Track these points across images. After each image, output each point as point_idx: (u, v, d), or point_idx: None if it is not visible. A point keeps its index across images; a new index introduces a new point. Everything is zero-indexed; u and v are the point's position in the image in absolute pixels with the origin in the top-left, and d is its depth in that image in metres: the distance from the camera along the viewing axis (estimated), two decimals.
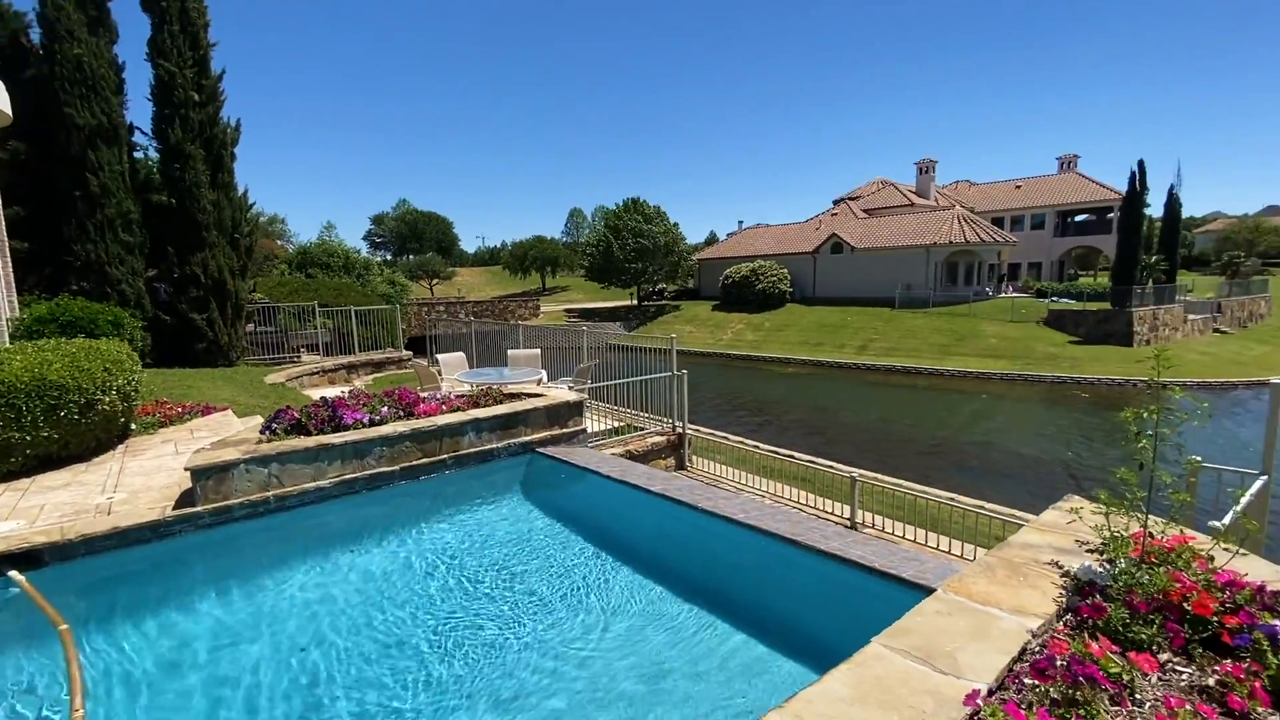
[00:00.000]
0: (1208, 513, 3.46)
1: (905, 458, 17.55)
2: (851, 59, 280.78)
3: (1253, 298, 36.66)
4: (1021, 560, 2.59)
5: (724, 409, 24.66)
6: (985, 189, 54.60)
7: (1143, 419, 2.35)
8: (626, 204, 53.22)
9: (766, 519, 4.19)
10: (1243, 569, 2.41)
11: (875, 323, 38.24)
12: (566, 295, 78.58)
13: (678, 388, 8.50)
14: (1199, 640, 2.00)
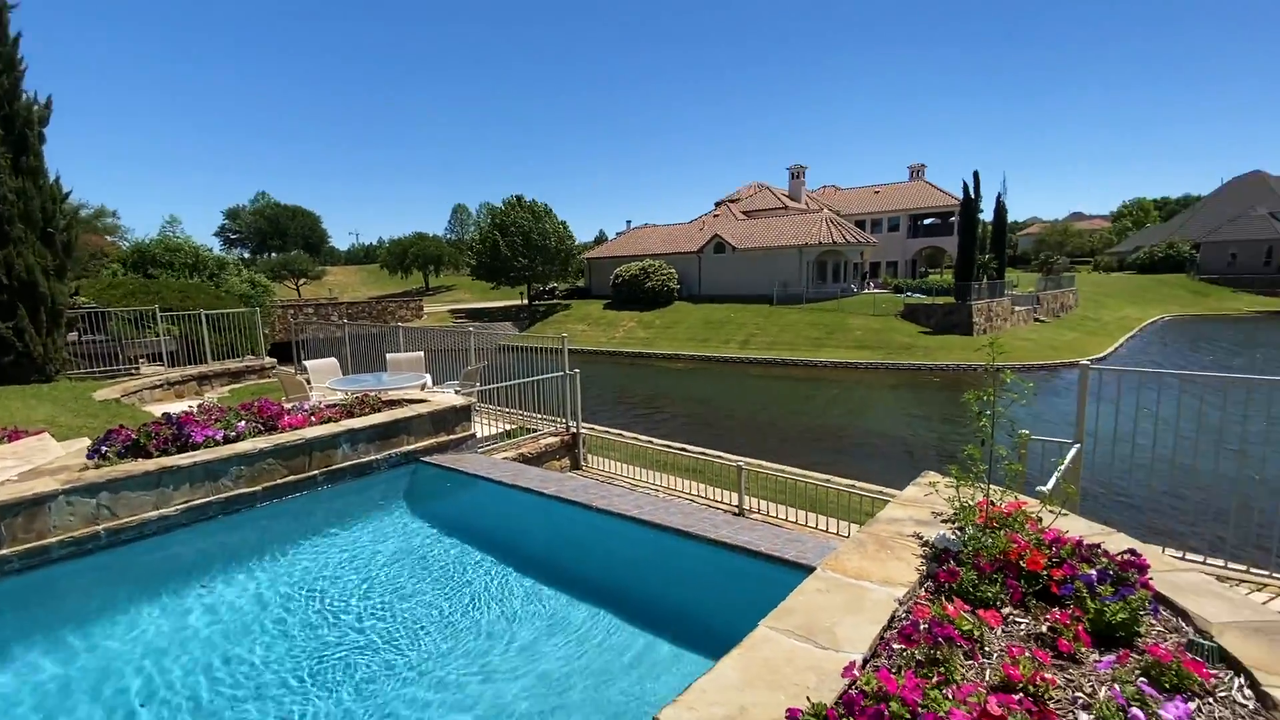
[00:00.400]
0: (1036, 479, 3.97)
1: (788, 444, 18.66)
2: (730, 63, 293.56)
3: (1063, 291, 42.76)
4: (888, 534, 2.82)
5: (619, 406, 24.88)
6: (849, 194, 59.29)
7: (981, 400, 2.64)
8: (512, 201, 52.09)
9: (660, 513, 4.26)
10: (1065, 527, 2.78)
11: (757, 318, 40.20)
12: (453, 295, 75.49)
13: (571, 387, 8.42)
14: (1033, 593, 2.28)
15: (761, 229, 47.25)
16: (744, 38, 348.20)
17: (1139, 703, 1.59)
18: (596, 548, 4.58)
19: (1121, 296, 48.73)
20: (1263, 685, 1.77)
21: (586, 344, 41.79)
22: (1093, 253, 75.93)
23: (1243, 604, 2.21)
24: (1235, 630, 2.04)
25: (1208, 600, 2.23)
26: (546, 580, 4.40)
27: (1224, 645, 1.96)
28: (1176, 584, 2.34)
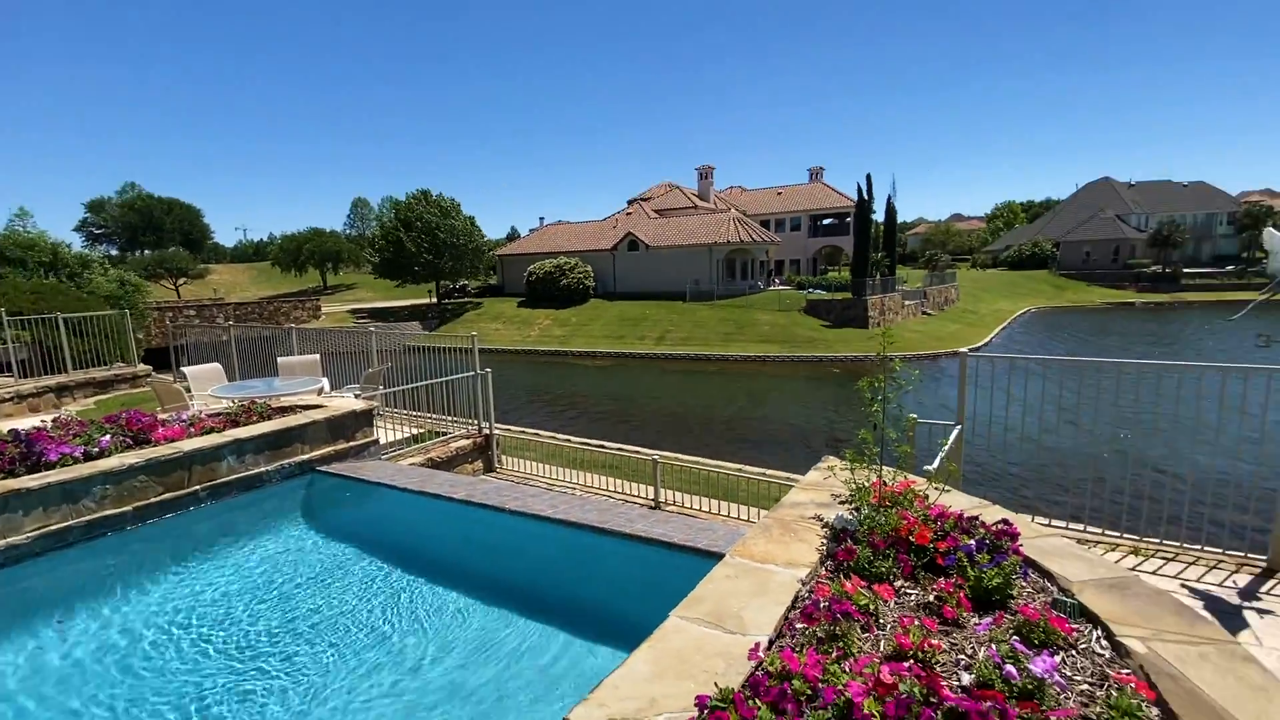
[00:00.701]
0: (924, 459, 4.27)
1: (702, 436, 19.12)
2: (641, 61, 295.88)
3: (947, 286, 46.56)
4: (792, 518, 2.94)
5: (536, 405, 24.50)
6: (754, 194, 61.50)
7: (873, 387, 2.80)
8: (417, 195, 49.91)
9: (575, 511, 4.22)
10: (949, 502, 3.00)
11: (671, 315, 40.88)
12: (354, 294, 71.32)
13: (482, 388, 8.17)
14: (922, 565, 2.44)
15: (673, 227, 48.05)
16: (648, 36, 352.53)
17: (1012, 660, 1.74)
18: (512, 550, 4.47)
19: (996, 291, 53.68)
20: (1117, 635, 1.99)
21: (501, 343, 40.90)
22: (971, 251, 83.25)
23: (1098, 563, 2.48)
24: (1092, 587, 2.28)
25: (1069, 561, 2.48)
26: (460, 587, 4.24)
27: (1083, 601, 2.18)
28: (1042, 548, 2.59)
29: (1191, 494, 4.53)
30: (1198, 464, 5.23)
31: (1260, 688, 1.71)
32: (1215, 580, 3.91)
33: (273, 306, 43.17)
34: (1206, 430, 5.43)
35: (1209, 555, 4.20)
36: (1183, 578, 3.95)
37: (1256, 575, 3.96)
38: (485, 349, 38.00)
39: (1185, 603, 3.59)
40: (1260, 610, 3.55)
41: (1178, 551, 4.28)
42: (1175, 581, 3.90)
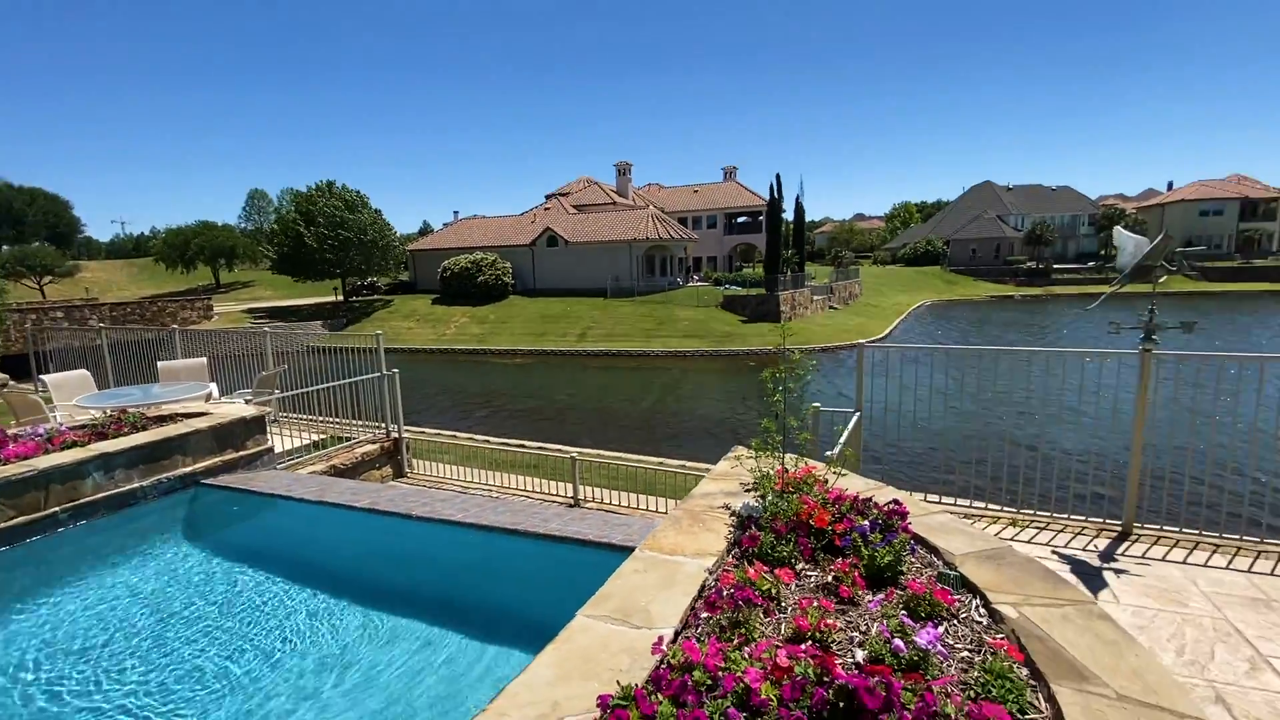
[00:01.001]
0: (827, 445, 4.47)
1: (625, 431, 19.20)
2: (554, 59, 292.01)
3: (851, 281, 49.23)
4: (701, 508, 2.97)
5: (453, 406, 23.71)
6: (671, 192, 62.36)
7: (775, 378, 2.88)
8: (321, 187, 46.90)
9: (487, 513, 4.09)
10: (846, 486, 3.14)
11: (593, 311, 40.74)
12: (251, 292, 66.26)
13: (389, 389, 7.77)
14: (821, 547, 2.54)
15: (592, 223, 47.85)
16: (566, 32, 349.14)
17: (900, 634, 1.83)
18: (421, 558, 4.27)
19: (895, 286, 57.28)
20: (993, 603, 2.14)
21: (414, 342, 39.30)
22: (872, 248, 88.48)
23: (978, 537, 2.67)
24: (973, 559, 2.44)
25: (953, 536, 2.66)
26: (366, 600, 4.00)
27: (965, 573, 2.34)
28: (930, 525, 2.76)
29: (1059, 468, 4.99)
30: (1065, 440, 5.79)
31: (1112, 642, 1.89)
32: (1080, 545, 4.33)
33: (156, 307, 39.40)
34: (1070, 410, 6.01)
35: (1074, 523, 4.66)
36: (1053, 545, 4.35)
37: (1114, 539, 4.42)
38: (398, 349, 36.35)
39: (1052, 568, 3.95)
40: (1117, 570, 3.97)
41: (1049, 521, 4.72)
42: (1047, 549, 4.30)
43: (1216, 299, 51.94)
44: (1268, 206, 67.58)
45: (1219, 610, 3.48)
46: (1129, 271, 4.23)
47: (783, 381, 2.85)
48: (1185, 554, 4.15)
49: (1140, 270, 4.17)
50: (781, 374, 2.84)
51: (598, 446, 15.94)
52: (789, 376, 2.85)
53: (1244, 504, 4.36)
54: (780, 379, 2.85)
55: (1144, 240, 4.17)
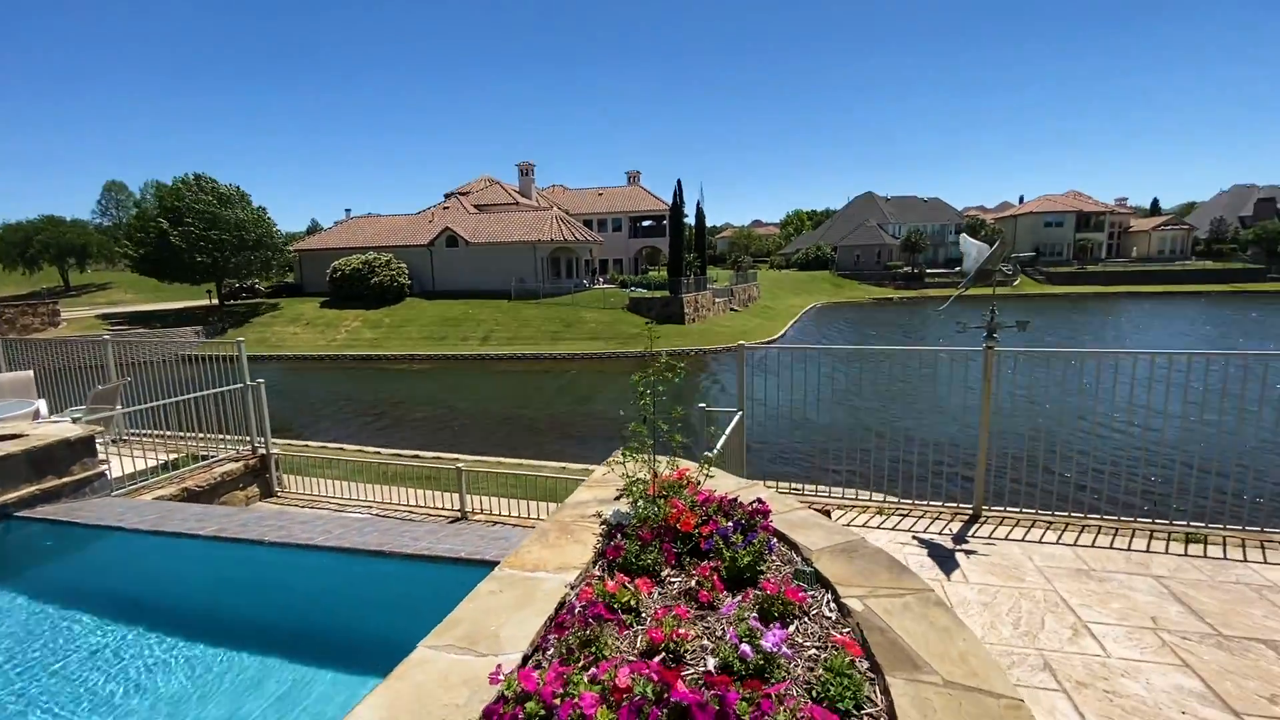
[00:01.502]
0: (713, 444, 4.53)
1: (528, 436, 18.78)
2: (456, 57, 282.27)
3: (749, 285, 51.22)
4: (572, 518, 2.88)
5: (343, 416, 22.19)
6: (575, 194, 62.09)
7: (646, 379, 2.84)
8: (189, 181, 42.43)
9: (351, 535, 3.78)
10: (718, 486, 3.16)
11: (496, 314, 39.72)
12: (108, 295, 58.93)
13: (254, 401, 7.07)
14: (688, 551, 2.52)
15: (494, 223, 46.65)
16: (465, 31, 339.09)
17: (748, 638, 1.82)
18: (276, 587, 3.87)
19: (789, 289, 60.29)
20: (842, 598, 2.20)
21: (301, 348, 36.60)
22: (769, 254, 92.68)
23: (835, 530, 2.77)
24: (828, 554, 2.52)
25: (812, 531, 2.73)
26: (210, 637, 3.57)
27: (820, 568, 2.40)
28: (791, 521, 2.83)
29: (925, 458, 5.37)
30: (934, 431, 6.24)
31: (944, 628, 1.99)
32: (937, 530, 4.67)
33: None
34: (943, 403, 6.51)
35: (933, 509, 5.02)
36: (914, 530, 4.66)
37: (966, 521, 4.80)
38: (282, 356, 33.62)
39: (906, 554, 4.22)
40: (967, 551, 4.30)
41: (911, 508, 5.06)
42: (908, 535, 4.59)
43: (1059, 300, 58.94)
44: (1098, 219, 77.61)
45: (1050, 583, 3.85)
46: (972, 275, 4.62)
47: (651, 385, 2.81)
48: (1024, 532, 4.58)
49: (982, 274, 4.57)
50: (651, 376, 2.81)
51: (499, 454, 15.48)
52: (658, 380, 2.82)
53: (1071, 484, 4.87)
54: (650, 382, 2.82)
55: (985, 246, 4.58)
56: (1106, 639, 3.26)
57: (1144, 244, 78.45)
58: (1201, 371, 4.64)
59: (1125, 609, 3.54)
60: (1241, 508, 4.82)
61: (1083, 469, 5.34)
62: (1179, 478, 4.79)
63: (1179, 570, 3.98)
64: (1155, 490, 5.45)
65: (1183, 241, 77.41)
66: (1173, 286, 64.69)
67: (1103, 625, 3.38)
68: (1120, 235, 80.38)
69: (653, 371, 2.82)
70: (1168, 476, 5.18)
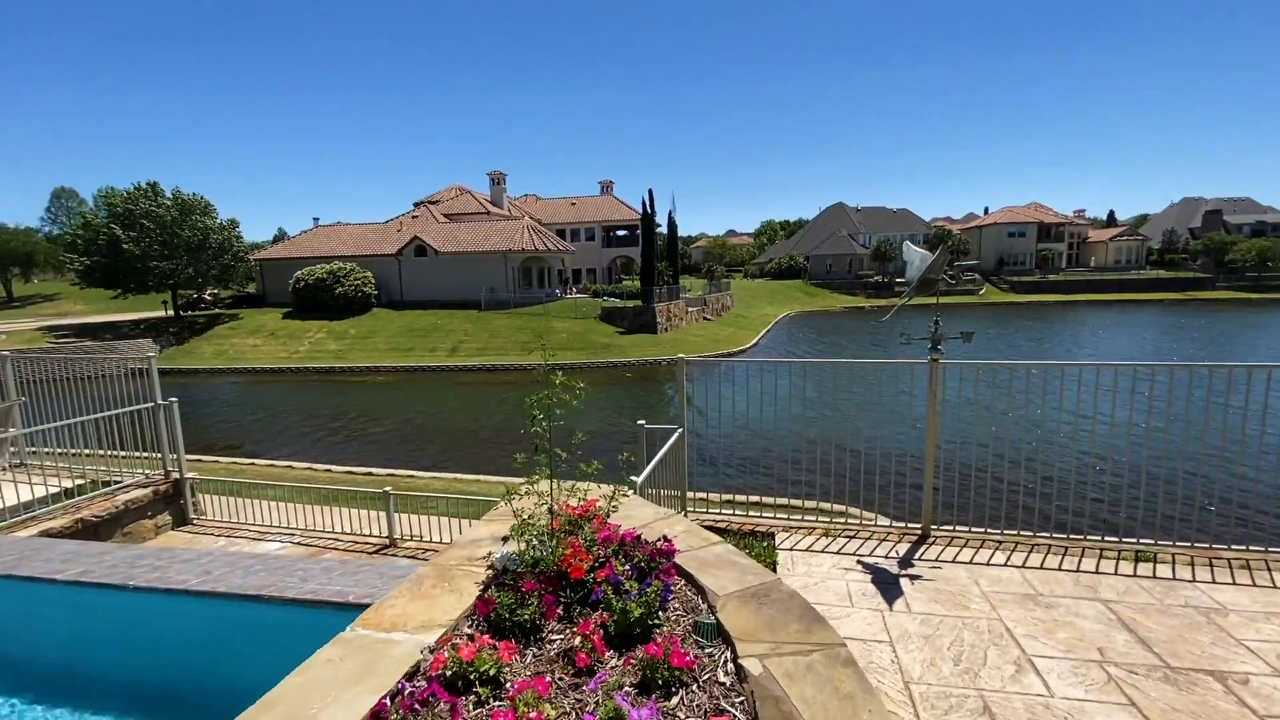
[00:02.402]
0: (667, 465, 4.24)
1: (491, 452, 18.24)
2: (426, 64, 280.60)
3: (723, 294, 51.34)
4: (457, 560, 2.55)
5: (300, 433, 21.36)
6: (548, 203, 61.74)
7: (548, 400, 2.53)
8: (144, 188, 40.96)
9: (233, 576, 3.38)
10: (633, 517, 2.86)
11: (465, 324, 39.09)
12: (55, 306, 56.68)
13: (167, 421, 6.56)
14: (579, 601, 2.21)
15: (465, 233, 46.01)
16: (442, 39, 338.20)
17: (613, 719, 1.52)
18: (144, 638, 3.45)
19: (763, 298, 60.60)
20: (740, 657, 1.91)
21: (261, 361, 35.50)
22: (743, 263, 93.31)
23: (749, 570, 2.48)
24: (736, 600, 2.23)
25: (724, 572, 2.45)
26: (66, 698, 3.14)
27: (723, 619, 2.11)
28: (704, 560, 2.54)
29: (879, 468, 5.14)
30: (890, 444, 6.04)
31: (849, 696, 1.72)
32: (883, 553, 4.43)
33: None
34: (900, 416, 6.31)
35: (880, 529, 4.79)
36: (859, 554, 4.41)
37: (914, 542, 4.58)
38: (239, 369, 32.50)
39: (840, 585, 3.95)
40: (912, 576, 4.06)
41: (859, 528, 4.82)
42: (853, 559, 4.34)
43: (1022, 309, 60.29)
44: (1058, 230, 79.84)
45: (995, 611, 3.62)
46: (915, 284, 4.43)
47: (547, 410, 2.51)
48: (973, 553, 4.36)
49: (925, 283, 4.38)
50: (545, 397, 2.51)
51: (459, 469, 14.95)
52: (554, 401, 2.52)
53: (1019, 497, 4.68)
54: (545, 405, 2.51)
55: (929, 255, 4.40)
56: (1051, 675, 3.03)
57: (1101, 254, 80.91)
58: (1150, 382, 4.51)
59: (1072, 639, 3.33)
60: (1191, 519, 4.70)
61: (1034, 483, 5.18)
62: (1127, 490, 4.64)
63: (1128, 593, 3.80)
64: (1105, 502, 5.32)
65: (1137, 251, 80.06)
66: (1129, 295, 66.77)
67: (1048, 660, 3.15)
68: (1079, 245, 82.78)
69: (548, 392, 2.51)
70: (1117, 485, 5.05)
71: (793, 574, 4.11)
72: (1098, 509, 4.84)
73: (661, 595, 2.11)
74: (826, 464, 5.20)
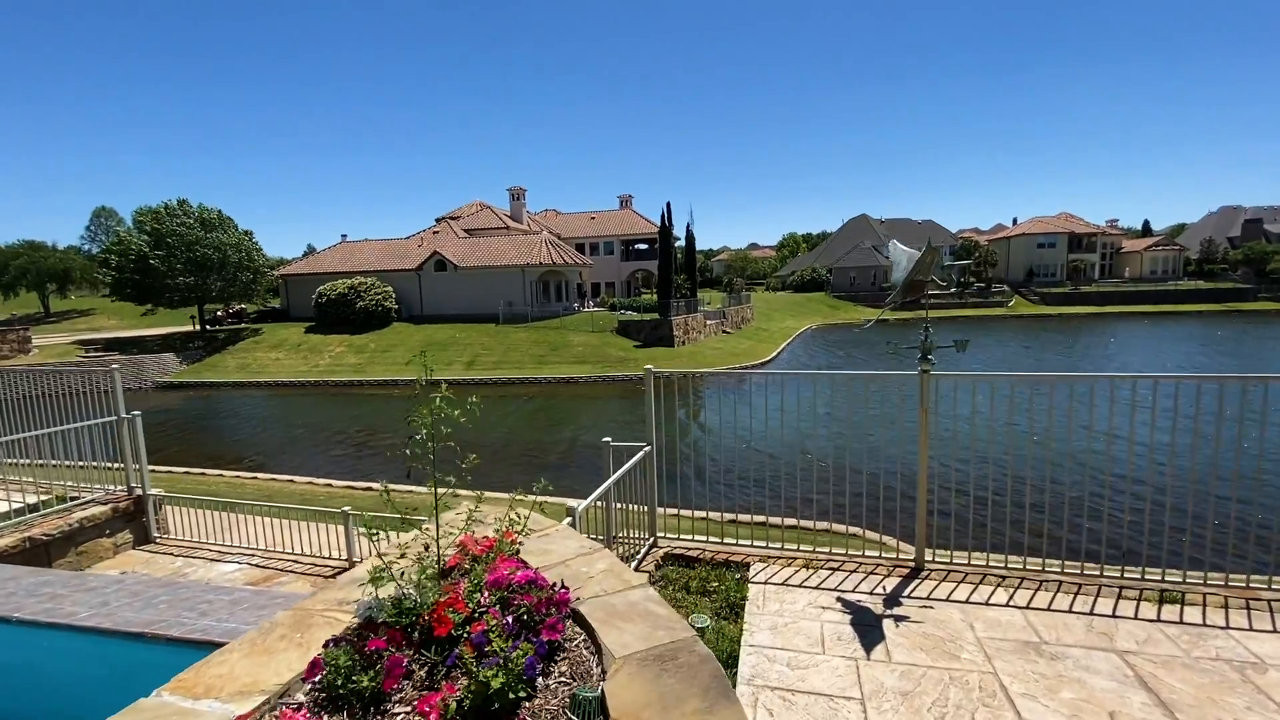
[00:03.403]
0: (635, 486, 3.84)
1: (496, 464, 17.96)
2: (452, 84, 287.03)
3: (743, 306, 50.72)
4: (327, 603, 2.19)
5: (314, 445, 21.39)
6: (568, 218, 62.06)
7: (433, 415, 2.18)
8: (172, 206, 42.14)
9: (129, 609, 3.07)
10: (554, 551, 2.48)
11: (483, 338, 39.26)
12: (90, 321, 58.40)
13: (130, 435, 6.36)
14: (443, 662, 1.83)
15: (484, 247, 46.35)
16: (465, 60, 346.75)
17: None
18: (24, 679, 3.14)
19: (784, 311, 59.83)
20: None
21: (282, 374, 35.99)
22: (765, 276, 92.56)
23: (661, 623, 2.07)
24: (635, 664, 1.83)
25: (633, 625, 2.04)
26: None
27: (610, 691, 1.71)
28: (615, 608, 2.14)
29: (865, 498, 4.68)
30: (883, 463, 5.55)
31: None
32: (868, 588, 3.95)
33: None
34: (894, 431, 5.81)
35: (868, 560, 4.30)
36: (841, 589, 3.94)
37: (905, 576, 4.09)
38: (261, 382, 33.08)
39: (814, 626, 3.49)
40: (897, 618, 3.58)
41: (845, 559, 4.34)
42: (833, 594, 3.87)
43: (1051, 321, 58.46)
44: (1089, 240, 77.60)
45: (990, 662, 3.13)
46: (901, 287, 3.99)
47: (430, 429, 2.15)
48: (970, 590, 3.86)
49: (912, 286, 3.93)
50: (428, 414, 2.15)
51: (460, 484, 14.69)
52: (438, 419, 2.16)
53: (1025, 523, 4.16)
54: (431, 421, 2.16)
55: (915, 254, 3.96)
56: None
57: (1136, 264, 78.35)
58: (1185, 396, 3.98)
59: (1078, 700, 2.83)
60: (1224, 548, 4.13)
61: (1043, 506, 4.64)
62: (1150, 515, 4.10)
63: (1149, 643, 3.27)
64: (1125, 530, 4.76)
65: (1174, 262, 77.34)
66: (1166, 306, 64.38)
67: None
68: (1113, 256, 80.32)
69: (430, 408, 2.15)
70: (1139, 510, 4.49)
71: (762, 612, 3.66)
72: (1116, 536, 4.28)
73: (530, 660, 1.71)
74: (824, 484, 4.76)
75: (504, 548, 2.36)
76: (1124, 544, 3.91)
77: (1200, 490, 4.28)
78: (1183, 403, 4.00)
